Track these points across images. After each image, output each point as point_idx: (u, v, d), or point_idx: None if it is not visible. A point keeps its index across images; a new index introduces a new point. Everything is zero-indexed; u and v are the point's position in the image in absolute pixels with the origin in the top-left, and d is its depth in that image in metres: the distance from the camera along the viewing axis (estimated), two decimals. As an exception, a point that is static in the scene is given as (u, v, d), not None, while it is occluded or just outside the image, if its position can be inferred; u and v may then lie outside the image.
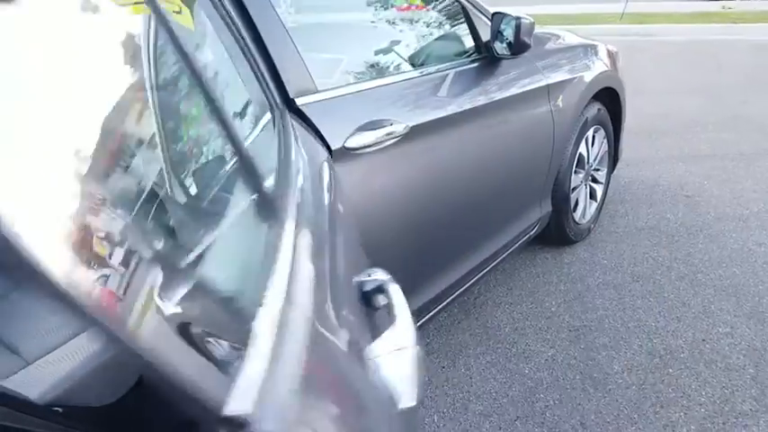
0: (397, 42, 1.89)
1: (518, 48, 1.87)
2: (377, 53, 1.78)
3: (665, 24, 8.76)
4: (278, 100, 1.22)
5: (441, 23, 2.06)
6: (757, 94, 5.40)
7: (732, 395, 1.88)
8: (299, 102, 1.32)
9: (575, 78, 2.41)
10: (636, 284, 2.51)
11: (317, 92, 1.38)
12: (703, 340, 2.15)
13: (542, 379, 2.00)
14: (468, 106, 1.82)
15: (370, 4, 1.95)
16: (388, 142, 1.48)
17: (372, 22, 1.91)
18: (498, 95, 1.95)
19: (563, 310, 2.36)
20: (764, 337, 2.15)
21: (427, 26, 2.06)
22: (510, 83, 2.04)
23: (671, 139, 4.20)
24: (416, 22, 2.06)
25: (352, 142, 1.38)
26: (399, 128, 1.51)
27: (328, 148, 1.32)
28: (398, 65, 1.83)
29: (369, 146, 1.42)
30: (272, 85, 1.23)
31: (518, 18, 1.83)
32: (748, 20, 8.98)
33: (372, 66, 1.74)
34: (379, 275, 0.82)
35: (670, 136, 4.27)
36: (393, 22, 1.98)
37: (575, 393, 1.92)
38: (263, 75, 1.20)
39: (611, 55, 2.80)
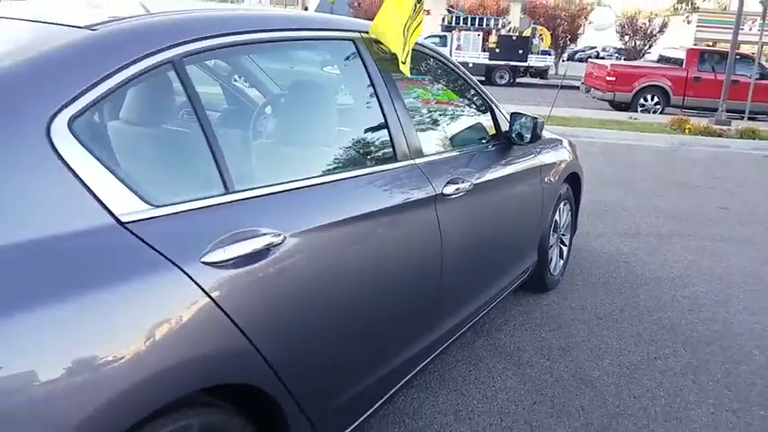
0: (441, 127, 2.63)
1: (534, 138, 2.66)
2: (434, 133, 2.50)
3: (585, 128, 10.21)
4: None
5: (469, 115, 2.83)
6: (664, 188, 6.60)
7: (680, 392, 2.62)
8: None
9: (556, 162, 3.26)
10: (600, 321, 3.26)
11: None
12: (655, 358, 2.91)
13: (546, 380, 2.65)
14: (492, 176, 2.56)
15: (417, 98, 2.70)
16: (461, 193, 2.18)
17: (429, 111, 2.64)
18: (515, 169, 2.73)
19: (550, 336, 3.06)
20: (698, 356, 2.93)
21: (457, 117, 2.83)
22: (520, 160, 2.83)
23: (606, 220, 5.16)
24: (451, 114, 2.82)
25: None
26: (466, 186, 2.22)
27: None
28: (438, 146, 2.52)
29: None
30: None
31: (535, 117, 2.64)
32: (651, 129, 10.63)
33: (436, 141, 2.45)
34: None
35: (605, 218, 5.23)
36: (439, 113, 2.73)
37: (571, 393, 2.58)
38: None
39: (573, 147, 3.70)
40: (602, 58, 32.79)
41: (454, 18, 25.33)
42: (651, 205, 5.80)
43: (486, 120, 2.77)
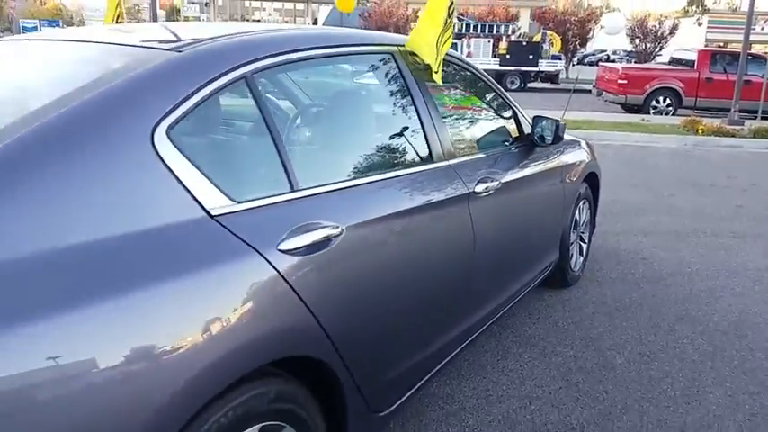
0: (469, 131, 2.80)
1: (556, 140, 2.84)
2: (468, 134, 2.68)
3: (599, 131, 10.35)
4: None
5: (494, 119, 3.00)
6: (679, 188, 6.72)
7: (698, 377, 2.77)
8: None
9: (575, 163, 3.43)
10: (620, 313, 3.42)
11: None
12: (674, 346, 3.05)
13: (570, 367, 2.82)
14: (516, 176, 2.74)
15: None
16: (491, 192, 2.36)
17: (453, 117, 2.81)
18: (538, 169, 2.91)
19: (573, 328, 3.22)
20: (715, 344, 3.08)
21: (483, 121, 3.00)
22: (542, 161, 3.00)
23: (623, 219, 5.30)
24: (478, 118, 3.00)
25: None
26: (494, 185, 2.40)
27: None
28: (467, 148, 2.70)
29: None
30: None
31: (557, 120, 2.81)
32: (664, 131, 10.74)
33: (466, 143, 2.62)
34: None
35: (621, 217, 5.38)
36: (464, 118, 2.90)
37: (595, 378, 2.74)
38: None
39: (591, 147, 3.87)
40: (613, 61, 32.89)
41: (464, 25, 25.56)
42: (667, 204, 5.93)
43: (509, 123, 2.95)
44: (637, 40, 26.04)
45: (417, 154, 2.11)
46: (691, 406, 2.54)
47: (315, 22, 42.42)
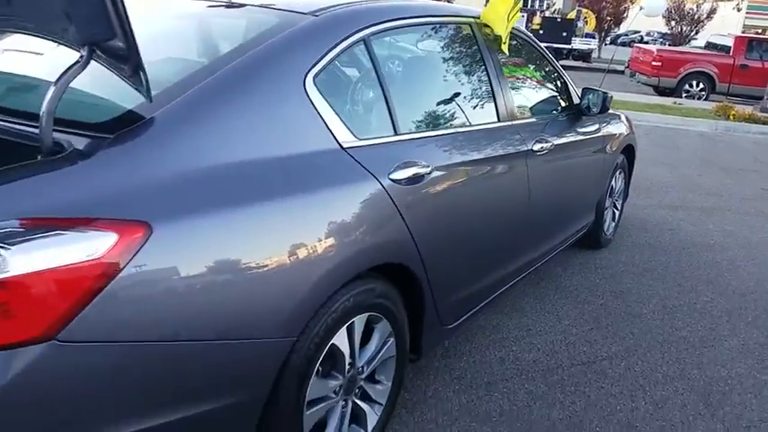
0: (527, 97, 3.12)
1: (603, 109, 3.16)
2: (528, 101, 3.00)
3: (630, 111, 10.53)
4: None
5: (548, 88, 3.31)
6: (708, 169, 6.97)
7: (715, 328, 3.12)
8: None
9: (615, 134, 3.74)
10: (647, 273, 3.76)
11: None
12: (694, 303, 3.40)
13: (600, 313, 3.18)
14: (566, 140, 3.07)
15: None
16: (545, 152, 2.70)
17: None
18: (583, 136, 3.23)
19: (603, 282, 3.57)
20: (732, 304, 3.42)
21: (539, 89, 3.30)
22: (590, 131, 3.33)
23: (652, 195, 5.60)
24: (535, 87, 3.31)
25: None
26: (548, 145, 2.74)
27: None
28: (526, 112, 3.01)
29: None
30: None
31: (605, 92, 3.13)
32: (695, 115, 10.88)
33: (524, 108, 2.94)
34: None
35: (651, 192, 5.67)
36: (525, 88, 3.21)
37: (622, 323, 3.10)
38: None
39: (629, 121, 4.17)
40: (647, 42, 32.45)
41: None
42: (695, 183, 6.20)
43: (561, 92, 3.27)
44: (673, 23, 25.70)
45: (488, 112, 2.46)
46: (707, 349, 2.89)
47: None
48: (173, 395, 1.31)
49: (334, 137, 1.72)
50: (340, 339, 1.70)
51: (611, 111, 3.85)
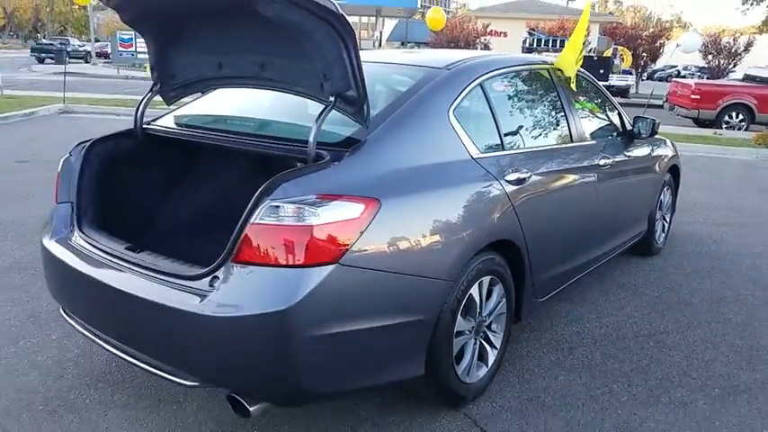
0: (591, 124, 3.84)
1: (652, 133, 3.87)
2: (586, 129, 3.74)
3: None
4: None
5: (605, 117, 4.04)
6: (749, 193, 7.51)
7: (755, 314, 3.71)
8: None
9: (662, 156, 4.43)
10: (694, 274, 4.37)
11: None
12: (737, 295, 4.00)
13: (656, 303, 3.81)
14: (622, 158, 3.77)
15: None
16: (608, 166, 3.42)
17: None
18: (636, 155, 3.94)
19: (657, 280, 4.20)
20: (770, 295, 4.01)
21: (599, 117, 4.03)
22: (641, 151, 4.03)
23: (696, 214, 6.19)
24: (596, 116, 4.04)
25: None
26: (610, 161, 3.46)
27: None
28: (591, 135, 3.72)
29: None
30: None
31: (653, 119, 3.85)
32: (735, 144, 11.38)
33: (589, 132, 3.66)
34: None
35: (695, 211, 6.26)
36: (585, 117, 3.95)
37: (676, 309, 3.72)
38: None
39: (674, 146, 4.84)
40: (684, 77, 32.87)
41: (535, 40, 26.40)
42: (736, 205, 6.76)
43: (616, 120, 4.00)
44: (710, 57, 26.15)
45: (564, 135, 3.21)
46: (746, 330, 3.49)
47: (380, 34, 44.12)
48: (391, 306, 2.06)
49: (468, 151, 2.48)
50: (475, 291, 2.43)
51: (658, 136, 4.56)
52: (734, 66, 25.89)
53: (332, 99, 2.10)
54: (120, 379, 2.72)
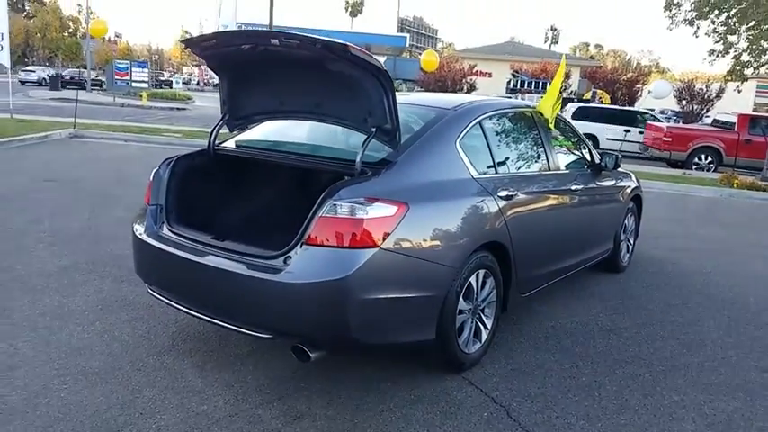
0: (564, 157, 4.66)
1: (615, 166, 4.70)
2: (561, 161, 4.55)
3: (643, 179, 12.04)
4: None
5: (576, 151, 4.86)
6: (708, 225, 8.39)
7: (699, 316, 4.48)
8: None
9: (626, 186, 5.26)
10: (653, 286, 5.15)
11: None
12: (686, 303, 4.77)
13: (618, 306, 4.56)
14: (592, 186, 4.57)
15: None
16: (579, 191, 4.21)
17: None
18: (604, 184, 4.75)
19: (621, 291, 4.96)
20: (714, 303, 4.78)
21: (571, 152, 4.84)
22: (607, 182, 4.85)
23: (660, 242, 6.99)
24: (568, 150, 4.85)
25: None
26: (580, 187, 4.26)
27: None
28: (565, 166, 4.53)
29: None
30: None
31: (617, 154, 4.66)
32: (702, 183, 12.38)
33: (564, 163, 4.46)
34: None
35: (659, 240, 7.06)
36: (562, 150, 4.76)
37: (634, 312, 4.48)
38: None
39: (637, 179, 5.68)
40: (660, 120, 34.44)
41: (519, 81, 27.76)
42: (696, 234, 7.61)
43: (585, 154, 4.81)
44: (684, 102, 27.58)
45: (543, 164, 4.00)
46: (691, 328, 4.25)
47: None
48: (413, 283, 2.79)
49: (470, 172, 3.25)
50: (473, 280, 3.16)
51: (623, 171, 5.39)
52: (707, 111, 27.30)
53: (373, 130, 2.85)
54: (187, 349, 3.38)
